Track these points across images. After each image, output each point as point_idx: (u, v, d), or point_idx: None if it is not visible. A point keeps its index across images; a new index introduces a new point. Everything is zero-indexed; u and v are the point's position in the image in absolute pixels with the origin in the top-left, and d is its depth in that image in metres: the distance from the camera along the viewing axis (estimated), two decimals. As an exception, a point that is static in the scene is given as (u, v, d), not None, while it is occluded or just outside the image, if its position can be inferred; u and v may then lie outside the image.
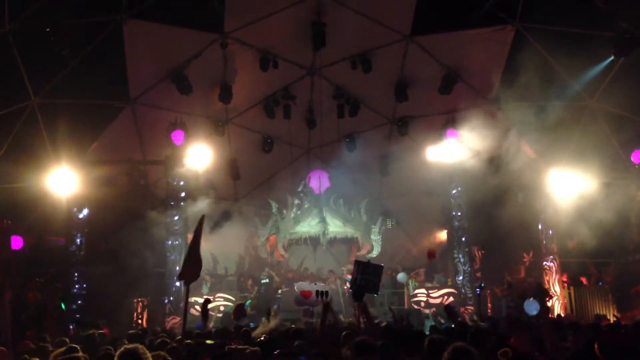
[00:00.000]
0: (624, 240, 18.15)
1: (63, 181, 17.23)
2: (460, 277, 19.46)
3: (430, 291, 19.43)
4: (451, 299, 18.76)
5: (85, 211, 18.06)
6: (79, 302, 17.24)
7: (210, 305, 16.05)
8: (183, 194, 19.02)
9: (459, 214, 20.03)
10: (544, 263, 19.05)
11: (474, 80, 18.90)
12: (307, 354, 6.46)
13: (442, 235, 22.08)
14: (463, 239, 19.80)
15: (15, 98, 16.32)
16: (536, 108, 17.32)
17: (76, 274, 17.50)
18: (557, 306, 18.33)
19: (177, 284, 18.37)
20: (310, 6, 17.45)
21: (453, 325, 10.46)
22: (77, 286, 17.37)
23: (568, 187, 18.25)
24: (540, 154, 18.99)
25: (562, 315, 17.50)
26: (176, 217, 18.81)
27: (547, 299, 17.61)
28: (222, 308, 18.35)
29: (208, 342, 7.96)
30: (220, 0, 16.71)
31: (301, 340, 7.34)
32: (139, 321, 17.76)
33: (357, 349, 5.10)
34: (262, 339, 7.63)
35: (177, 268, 18.45)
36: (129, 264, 16.40)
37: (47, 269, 17.30)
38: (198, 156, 18.80)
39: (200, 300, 18.39)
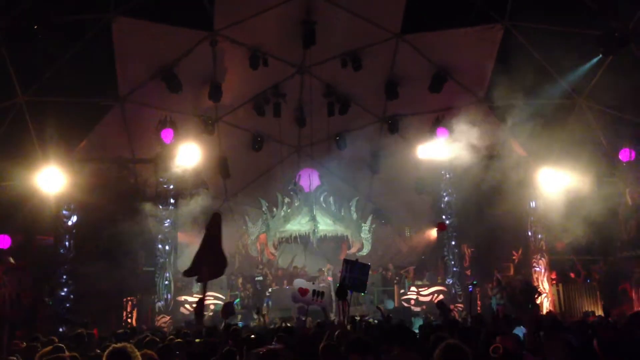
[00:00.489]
0: (612, 237, 18.27)
1: (51, 179, 17.10)
2: (450, 275, 19.53)
3: (420, 289, 19.49)
4: (441, 296, 18.83)
5: (73, 210, 17.94)
6: (67, 302, 17.13)
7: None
8: (173, 193, 18.96)
9: (449, 212, 20.08)
10: (533, 261, 19.14)
11: (463, 78, 18.96)
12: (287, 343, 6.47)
13: (432, 233, 22.15)
14: (453, 236, 19.85)
15: (2, 96, 16.19)
16: (526, 106, 17.39)
17: (65, 273, 17.39)
18: (545, 303, 18.43)
19: (167, 282, 18.33)
20: (300, 4, 17.43)
21: (441, 322, 10.47)
22: (65, 288, 17.24)
23: (557, 184, 18.35)
24: (530, 151, 19.08)
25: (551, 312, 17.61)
26: (166, 216, 18.75)
27: (536, 296, 17.70)
28: (212, 307, 18.31)
29: (197, 340, 7.93)
30: (210, -2, 16.68)
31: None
32: (129, 320, 17.70)
33: (351, 347, 5.11)
34: (251, 337, 7.59)
35: (167, 267, 18.47)
36: (119, 262, 16.33)
37: (36, 268, 17.18)
38: (188, 154, 18.74)
39: (191, 299, 18.49)
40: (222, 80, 18.65)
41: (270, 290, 19.95)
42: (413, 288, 19.61)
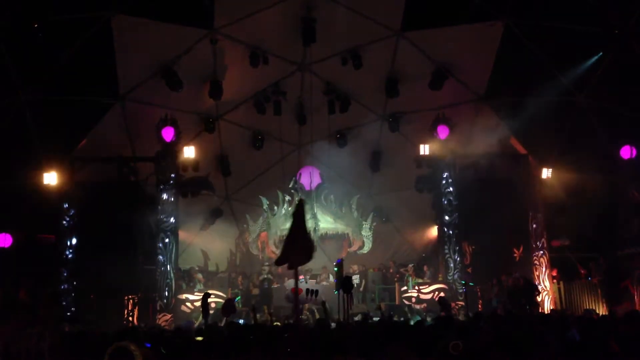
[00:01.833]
0: (613, 235, 18.25)
1: (52, 178, 17.11)
2: (451, 273, 19.49)
3: (421, 287, 19.47)
4: (442, 294, 18.79)
5: (74, 208, 17.94)
6: (69, 301, 17.15)
7: (199, 303, 16.03)
8: (174, 191, 18.95)
9: (450, 209, 20.02)
10: (534, 258, 19.12)
11: (464, 76, 18.92)
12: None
13: (433, 231, 22.11)
14: (454, 234, 19.80)
15: (3, 94, 16.19)
16: (526, 103, 17.38)
17: (66, 272, 17.40)
18: (547, 301, 18.42)
19: (168, 280, 18.33)
20: (300, 1, 17.41)
21: (435, 320, 10.47)
22: (67, 285, 17.26)
23: (557, 182, 18.33)
24: (530, 149, 19.06)
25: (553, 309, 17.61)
26: (167, 214, 18.74)
27: (536, 293, 17.69)
28: (213, 305, 18.28)
29: (198, 338, 7.93)
30: (210, -5, 16.67)
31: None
32: (130, 318, 17.70)
33: (333, 348, 4.96)
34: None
35: (169, 265, 18.48)
36: (120, 261, 16.32)
37: (37, 266, 17.19)
38: (188, 152, 18.73)
39: (192, 297, 18.49)
40: (223, 78, 18.65)
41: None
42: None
